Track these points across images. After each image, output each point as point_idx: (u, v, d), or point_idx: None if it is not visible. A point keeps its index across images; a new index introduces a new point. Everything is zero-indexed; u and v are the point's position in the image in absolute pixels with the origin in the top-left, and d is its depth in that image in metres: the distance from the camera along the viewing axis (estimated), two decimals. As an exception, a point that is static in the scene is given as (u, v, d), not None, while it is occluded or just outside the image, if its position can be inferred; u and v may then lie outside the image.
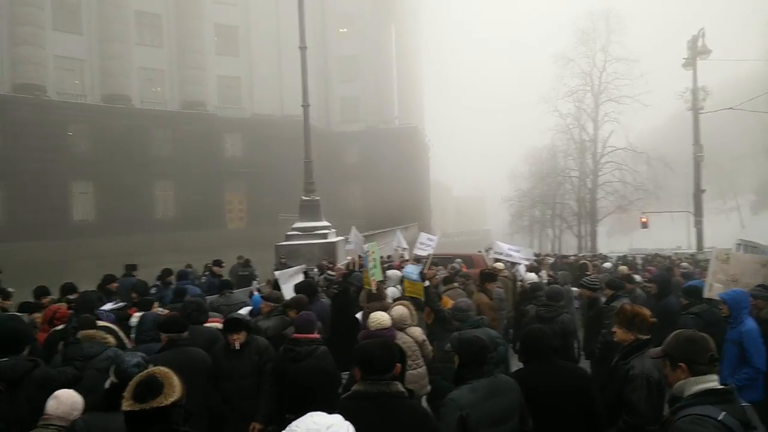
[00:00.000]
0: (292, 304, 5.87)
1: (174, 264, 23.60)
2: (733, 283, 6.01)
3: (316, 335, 4.69)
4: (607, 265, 16.12)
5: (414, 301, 6.39)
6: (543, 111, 46.66)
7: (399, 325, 5.22)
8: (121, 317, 6.43)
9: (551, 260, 20.58)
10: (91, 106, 32.84)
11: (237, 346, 4.53)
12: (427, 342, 5.49)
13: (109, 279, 8.80)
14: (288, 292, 8.49)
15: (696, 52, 22.91)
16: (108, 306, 7.99)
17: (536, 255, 22.82)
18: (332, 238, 17.70)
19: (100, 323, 5.03)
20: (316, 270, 13.17)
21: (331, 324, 7.02)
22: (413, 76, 59.34)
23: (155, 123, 35.39)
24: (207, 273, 11.67)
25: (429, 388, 5.46)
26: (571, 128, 46.95)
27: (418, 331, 5.45)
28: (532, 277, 8.16)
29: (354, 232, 15.14)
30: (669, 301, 6.86)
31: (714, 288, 6.06)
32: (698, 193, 23.13)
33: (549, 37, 68.52)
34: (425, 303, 6.43)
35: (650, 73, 42.54)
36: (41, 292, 7.09)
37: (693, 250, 41.07)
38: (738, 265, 6.18)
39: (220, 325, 5.89)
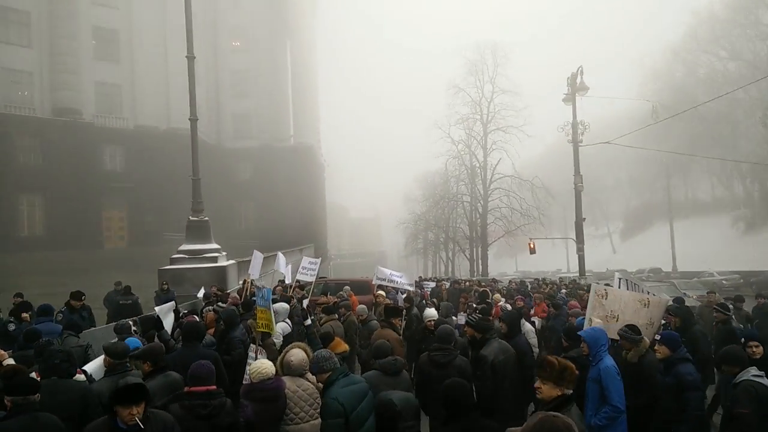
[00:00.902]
0: (145, 355, 4.70)
1: (43, 288, 21.01)
2: (613, 319, 5.99)
3: (214, 386, 3.92)
4: (498, 296, 15.68)
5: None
6: (436, 136, 48.14)
7: (300, 371, 4.64)
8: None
9: (447, 285, 20.49)
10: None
11: (139, 424, 3.21)
12: None
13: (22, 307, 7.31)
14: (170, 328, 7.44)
15: (575, 88, 24.41)
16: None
17: (434, 280, 22.85)
18: (222, 262, 16.46)
19: None
20: (200, 297, 11.95)
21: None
22: (309, 94, 58.67)
23: (21, 130, 31.71)
24: (64, 308, 9.24)
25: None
26: (462, 154, 48.69)
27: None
28: (432, 314, 7.58)
29: (257, 254, 14.07)
30: (519, 341, 6.30)
31: (594, 323, 5.97)
32: (579, 221, 24.39)
33: (442, 63, 71.15)
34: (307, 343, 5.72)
35: (533, 106, 45.48)
36: None
37: (572, 273, 44.01)
38: (617, 301, 6.12)
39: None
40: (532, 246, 27.49)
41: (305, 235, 41.25)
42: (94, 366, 5.35)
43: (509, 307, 11.26)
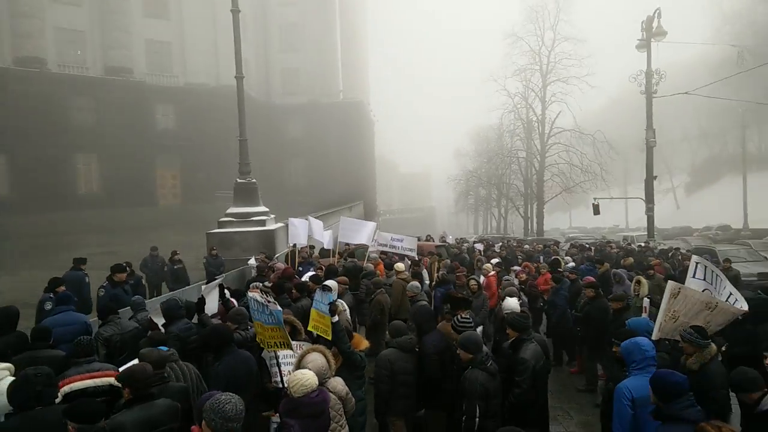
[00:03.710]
0: (123, 380, 3.65)
1: (102, 247, 21.38)
2: (672, 320, 5.19)
3: None
4: (571, 266, 13.18)
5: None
6: (491, 89, 45.88)
7: (320, 379, 4.05)
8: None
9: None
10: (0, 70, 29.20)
11: None
12: (351, 395, 4.41)
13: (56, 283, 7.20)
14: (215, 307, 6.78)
15: (651, 33, 22.28)
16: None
17: (485, 242, 21.65)
18: (271, 225, 16.07)
19: None
20: (252, 264, 11.44)
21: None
22: (358, 49, 57.21)
23: (75, 90, 32.01)
24: (106, 283, 8.40)
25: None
26: (518, 108, 46.40)
27: (340, 384, 4.33)
28: (513, 305, 6.54)
29: (294, 221, 13.82)
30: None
31: (663, 328, 5.19)
32: (650, 179, 22.61)
33: (498, 14, 67.60)
34: (332, 343, 4.96)
35: (597, 54, 42.40)
36: None
37: (632, 230, 41.87)
38: (685, 301, 5.21)
39: (93, 382, 3.96)
40: (596, 204, 25.84)
41: (355, 192, 40.78)
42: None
43: (516, 281, 9.75)
